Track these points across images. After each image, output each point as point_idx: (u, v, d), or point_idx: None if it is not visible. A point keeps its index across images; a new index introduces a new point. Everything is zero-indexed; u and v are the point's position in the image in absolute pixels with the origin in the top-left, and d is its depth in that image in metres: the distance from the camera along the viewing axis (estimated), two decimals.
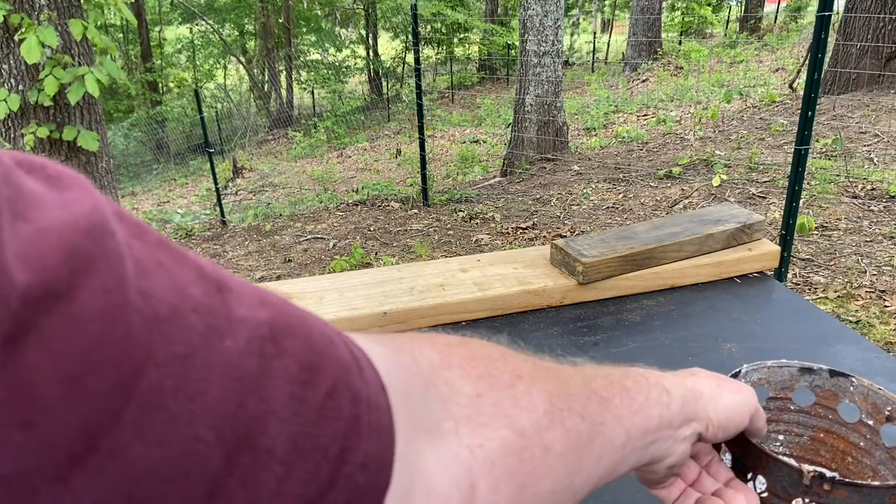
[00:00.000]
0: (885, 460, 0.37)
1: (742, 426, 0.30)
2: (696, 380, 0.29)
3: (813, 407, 0.39)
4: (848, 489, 0.27)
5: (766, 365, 0.38)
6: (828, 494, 0.27)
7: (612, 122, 5.49)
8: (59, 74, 2.43)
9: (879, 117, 3.54)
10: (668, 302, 0.64)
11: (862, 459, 0.38)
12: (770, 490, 0.29)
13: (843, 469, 0.39)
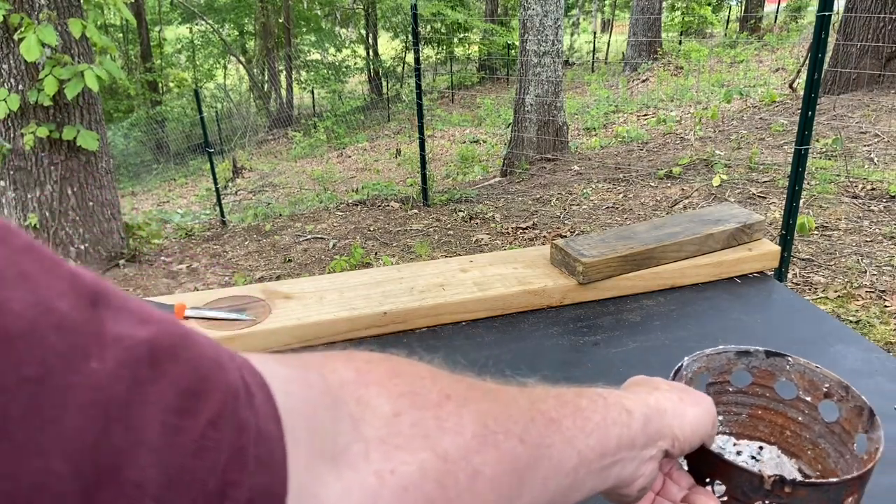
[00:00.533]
0: (824, 434, 0.38)
1: (706, 438, 0.29)
2: (659, 395, 0.29)
3: (750, 387, 0.40)
4: (808, 489, 0.28)
5: (706, 353, 0.38)
6: (789, 496, 0.27)
7: (612, 121, 5.49)
8: (58, 74, 2.43)
9: (879, 117, 3.54)
10: (669, 302, 0.64)
11: (801, 433, 0.39)
12: (729, 494, 0.29)
13: (783, 442, 0.40)
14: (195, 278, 2.80)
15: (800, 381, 0.37)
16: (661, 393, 0.29)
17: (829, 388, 0.36)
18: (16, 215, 2.74)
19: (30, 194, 2.73)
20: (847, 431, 0.36)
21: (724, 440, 0.42)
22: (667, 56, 7.67)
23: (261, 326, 0.54)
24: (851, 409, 0.35)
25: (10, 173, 2.69)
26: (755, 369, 0.39)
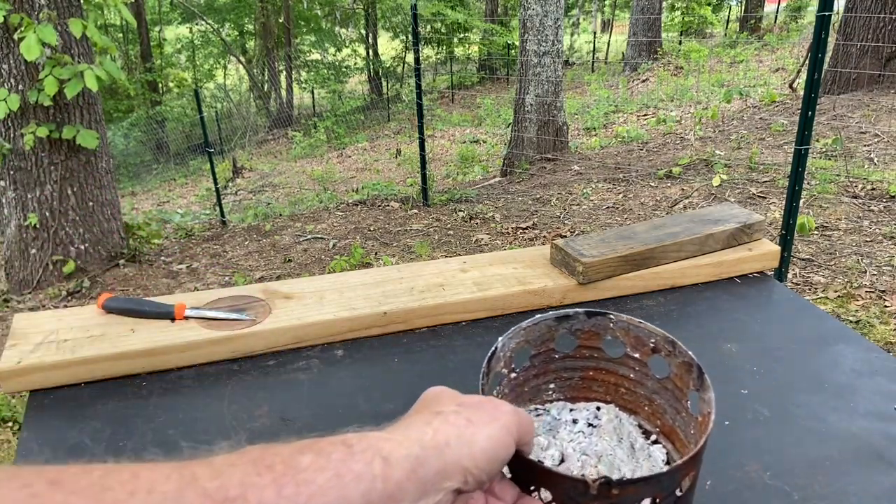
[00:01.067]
0: (658, 390, 0.37)
1: (509, 457, 0.26)
2: (440, 424, 0.24)
3: (577, 350, 0.40)
4: (638, 485, 0.27)
5: (522, 327, 0.37)
6: (619, 496, 0.26)
7: (612, 121, 5.49)
8: (58, 74, 2.43)
9: (879, 117, 3.54)
10: (669, 302, 0.64)
11: (635, 390, 0.39)
12: (558, 501, 0.28)
13: (619, 399, 0.40)
14: (195, 278, 2.80)
15: (626, 338, 0.37)
16: (445, 418, 0.24)
17: (656, 344, 0.35)
18: (16, 215, 2.74)
19: (30, 194, 2.73)
20: (679, 388, 0.35)
21: (561, 407, 0.41)
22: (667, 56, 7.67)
23: (261, 326, 0.54)
24: (681, 365, 0.34)
25: (10, 173, 2.69)
26: (579, 332, 0.38)
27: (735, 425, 0.46)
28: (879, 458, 0.43)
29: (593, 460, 0.36)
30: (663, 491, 0.27)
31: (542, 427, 0.39)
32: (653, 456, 0.37)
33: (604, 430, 0.39)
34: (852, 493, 0.40)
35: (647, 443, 0.38)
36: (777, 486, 0.41)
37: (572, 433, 0.39)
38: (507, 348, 0.37)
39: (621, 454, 0.37)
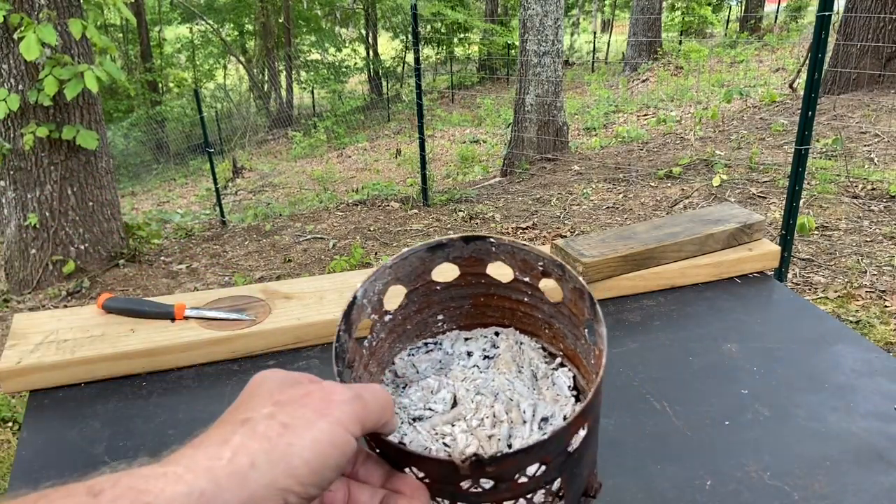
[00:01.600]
0: (555, 314, 0.35)
1: (348, 456, 0.21)
2: (242, 440, 0.19)
3: (462, 278, 0.36)
4: (517, 456, 0.24)
5: (387, 266, 0.33)
6: (496, 471, 0.24)
7: (613, 121, 5.49)
8: (58, 74, 2.43)
9: (880, 117, 3.54)
10: (669, 302, 0.64)
11: (532, 314, 0.36)
12: (431, 479, 0.25)
13: (517, 323, 0.37)
14: (195, 278, 2.80)
15: (512, 262, 0.34)
16: (252, 428, 0.19)
17: (545, 266, 0.33)
18: (16, 215, 2.74)
19: (30, 194, 2.73)
20: (575, 315, 0.33)
21: (454, 337, 0.37)
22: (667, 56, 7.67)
23: (261, 326, 0.54)
24: (573, 291, 0.32)
25: (10, 173, 2.69)
26: (459, 259, 0.35)
27: (735, 425, 0.46)
28: (879, 459, 0.43)
29: (489, 399, 0.32)
30: (550, 454, 0.25)
31: (432, 367, 0.35)
32: (557, 383, 0.33)
33: (501, 361, 0.35)
34: (852, 493, 0.40)
35: (550, 368, 0.35)
36: (777, 486, 0.41)
37: (466, 369, 0.35)
38: (373, 293, 0.33)
39: (521, 387, 0.33)
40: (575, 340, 0.34)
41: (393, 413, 0.24)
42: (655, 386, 0.51)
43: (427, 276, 0.35)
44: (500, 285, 0.36)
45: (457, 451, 0.29)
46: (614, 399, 0.49)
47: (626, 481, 0.41)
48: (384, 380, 0.35)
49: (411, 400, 0.33)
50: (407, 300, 0.36)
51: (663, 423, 0.46)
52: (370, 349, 0.34)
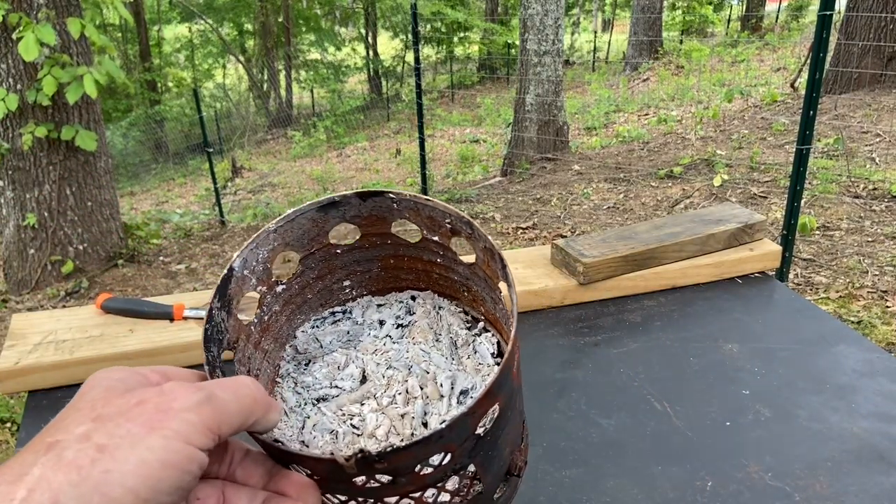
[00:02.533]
0: (471, 276, 0.31)
1: (194, 472, 0.17)
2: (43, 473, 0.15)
3: (365, 238, 0.32)
4: (411, 450, 0.20)
5: (271, 230, 0.28)
6: (390, 466, 0.21)
7: (613, 121, 5.48)
8: (57, 74, 2.43)
9: (881, 117, 3.54)
10: (669, 302, 0.64)
11: (448, 275, 0.32)
12: (319, 477, 0.22)
13: (434, 286, 0.33)
14: (194, 278, 2.80)
15: (417, 220, 0.30)
16: (57, 457, 0.16)
17: (453, 224, 0.29)
18: (14, 215, 2.74)
19: (28, 194, 2.73)
20: (489, 276, 0.29)
21: (366, 304, 0.33)
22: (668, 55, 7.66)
23: None
24: (484, 251, 0.28)
25: (9, 173, 2.69)
26: (358, 219, 0.31)
27: (736, 426, 0.46)
28: (881, 459, 0.43)
29: (402, 373, 0.29)
30: (454, 442, 0.21)
31: (339, 339, 0.32)
32: (479, 351, 0.30)
33: (417, 329, 0.31)
34: (853, 493, 0.40)
35: (471, 334, 0.31)
36: (778, 486, 0.41)
37: (377, 340, 0.31)
38: (256, 261, 0.28)
39: (438, 357, 0.30)
40: (494, 305, 0.30)
41: (268, 407, 0.21)
42: (656, 386, 0.51)
43: (323, 239, 0.31)
44: (409, 245, 0.32)
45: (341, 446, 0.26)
46: (615, 399, 0.49)
47: (627, 482, 0.41)
48: (284, 356, 0.31)
49: (315, 378, 0.30)
50: (302, 267, 0.31)
51: (664, 423, 0.46)
52: (262, 325, 0.30)
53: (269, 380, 0.30)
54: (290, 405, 0.29)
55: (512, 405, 0.25)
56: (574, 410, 0.48)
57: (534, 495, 0.40)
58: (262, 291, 0.29)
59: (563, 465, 0.43)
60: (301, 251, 0.31)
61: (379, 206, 0.30)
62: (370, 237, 0.32)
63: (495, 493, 0.26)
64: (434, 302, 0.33)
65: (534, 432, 0.45)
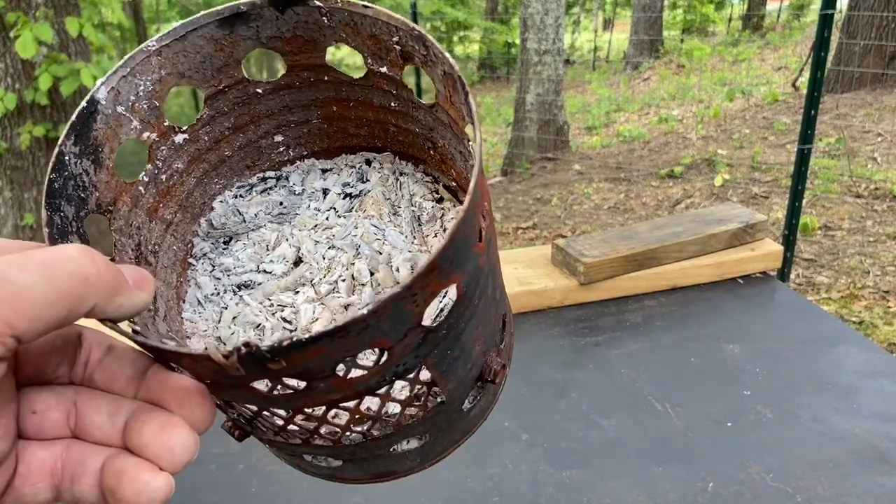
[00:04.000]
0: (436, 126, 0.22)
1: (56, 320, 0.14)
2: None
3: (293, 75, 0.23)
4: (322, 342, 0.14)
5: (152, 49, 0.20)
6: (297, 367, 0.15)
7: (614, 121, 5.48)
8: (54, 71, 2.44)
9: (883, 116, 3.53)
10: (670, 302, 0.63)
11: (408, 126, 0.24)
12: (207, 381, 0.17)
13: (393, 143, 0.25)
14: None
15: (358, 41, 0.22)
16: None
17: (403, 43, 0.21)
18: (12, 215, 2.75)
19: (26, 194, 2.73)
20: (454, 120, 0.21)
21: (307, 169, 0.25)
22: (668, 54, 7.65)
23: None
24: (444, 80, 0.20)
25: (7, 173, 2.69)
26: (279, 41, 0.22)
27: (737, 426, 0.46)
28: (882, 460, 0.43)
29: (347, 255, 0.23)
30: (385, 335, 0.15)
31: (267, 212, 0.24)
32: (447, 227, 0.23)
33: (370, 200, 0.24)
34: (855, 494, 0.40)
35: (440, 207, 0.24)
36: (779, 487, 0.40)
37: (318, 214, 0.24)
38: (136, 95, 0.20)
39: (395, 236, 0.23)
40: (464, 163, 0.22)
41: (115, 287, 0.15)
42: (657, 387, 0.50)
43: (234, 72, 0.22)
44: (353, 84, 0.24)
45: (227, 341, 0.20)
46: (615, 400, 0.49)
47: (628, 483, 0.41)
48: (197, 231, 0.24)
49: (237, 259, 0.24)
50: (211, 111, 0.23)
51: (665, 424, 0.46)
52: (158, 186, 0.22)
53: (177, 260, 0.23)
54: (205, 293, 0.23)
55: (480, 289, 0.18)
56: (574, 411, 0.48)
57: (534, 496, 0.39)
58: (151, 139, 0.22)
59: (564, 465, 0.42)
60: (205, 86, 0.22)
61: (304, 21, 0.22)
62: (300, 71, 0.23)
63: (464, 403, 0.20)
64: (394, 167, 0.25)
65: (534, 433, 0.45)
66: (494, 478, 0.41)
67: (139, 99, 0.21)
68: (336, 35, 0.22)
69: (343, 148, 0.26)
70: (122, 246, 0.22)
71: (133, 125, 0.21)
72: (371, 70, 0.23)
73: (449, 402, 0.19)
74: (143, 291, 0.16)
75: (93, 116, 0.20)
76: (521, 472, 0.41)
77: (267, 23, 0.22)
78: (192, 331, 0.22)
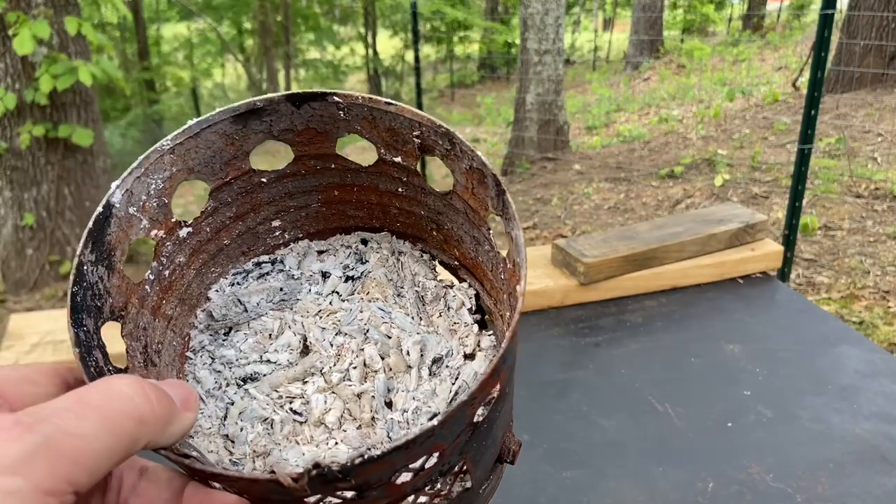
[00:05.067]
0: (443, 209, 0.23)
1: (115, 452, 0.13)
2: None
3: (300, 164, 0.24)
4: (393, 456, 0.15)
5: (166, 148, 0.20)
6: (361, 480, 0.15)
7: (614, 120, 5.48)
8: (54, 71, 2.44)
9: (883, 116, 3.53)
10: (671, 303, 0.63)
11: (412, 209, 0.24)
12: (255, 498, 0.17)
13: (392, 224, 0.25)
14: None
15: (374, 133, 0.22)
16: None
17: (424, 137, 0.21)
18: (12, 215, 2.75)
19: (26, 194, 2.73)
20: (474, 210, 0.22)
21: (302, 251, 0.25)
22: (669, 54, 7.65)
23: None
24: (469, 174, 0.21)
25: (7, 173, 2.69)
26: (290, 134, 0.23)
27: (738, 427, 0.46)
28: (883, 460, 0.43)
29: (356, 340, 0.23)
30: (447, 440, 0.16)
31: (269, 299, 0.24)
32: (453, 306, 0.24)
33: (372, 282, 0.24)
34: (855, 494, 0.40)
35: (442, 286, 0.24)
36: (780, 488, 0.40)
37: (320, 298, 0.24)
38: (147, 195, 0.20)
39: (402, 317, 0.23)
40: (475, 246, 0.23)
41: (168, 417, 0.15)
42: (657, 387, 0.50)
43: (242, 164, 0.23)
44: (360, 171, 0.24)
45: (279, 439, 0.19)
46: (616, 400, 0.49)
47: (628, 483, 0.40)
48: (195, 323, 0.23)
49: (239, 351, 0.23)
50: (214, 202, 0.23)
51: (665, 424, 0.46)
52: (161, 283, 0.22)
53: (175, 355, 0.23)
54: (206, 388, 0.22)
55: (511, 380, 0.19)
56: (575, 411, 0.48)
57: (534, 496, 0.39)
58: (158, 237, 0.22)
59: (564, 466, 0.42)
60: (211, 180, 0.22)
61: (319, 114, 0.22)
62: (307, 160, 0.24)
63: (483, 486, 0.21)
64: (392, 246, 0.25)
65: (534, 433, 0.45)
66: None
67: (150, 198, 0.21)
68: (350, 127, 0.23)
69: (338, 229, 0.26)
70: (132, 351, 0.21)
71: (143, 224, 0.21)
72: (382, 158, 0.23)
73: (473, 487, 0.20)
74: (190, 411, 0.16)
75: (107, 221, 0.20)
76: (521, 472, 0.41)
77: (281, 117, 0.22)
78: (194, 430, 0.21)
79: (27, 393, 0.15)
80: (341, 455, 0.20)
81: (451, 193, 0.23)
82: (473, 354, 0.23)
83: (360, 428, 0.20)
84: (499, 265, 0.22)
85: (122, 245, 0.20)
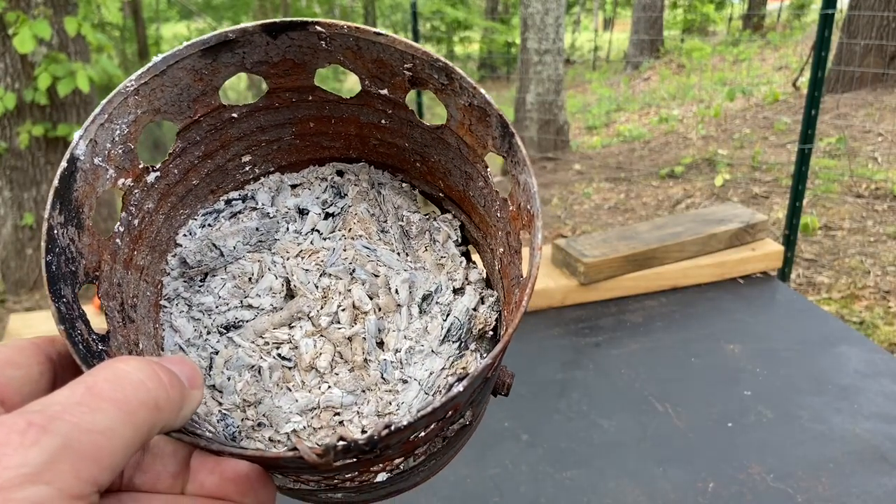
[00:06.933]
0: (430, 142, 0.22)
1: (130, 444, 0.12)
2: None
3: (274, 97, 0.22)
4: (419, 422, 0.15)
5: (131, 89, 0.19)
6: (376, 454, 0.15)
7: (614, 120, 5.48)
8: (53, 70, 2.44)
9: (883, 116, 3.53)
10: (671, 302, 0.63)
11: (394, 141, 0.23)
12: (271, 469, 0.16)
13: (371, 155, 0.24)
14: None
15: (358, 65, 0.20)
16: None
17: (417, 70, 0.19)
18: (12, 215, 2.75)
19: (26, 193, 2.74)
20: (470, 146, 0.20)
21: (274, 185, 0.24)
22: (669, 54, 7.65)
23: None
24: (467, 110, 0.19)
25: (7, 172, 2.70)
26: (265, 66, 0.21)
27: (738, 427, 0.46)
28: (883, 460, 0.43)
29: (342, 281, 0.21)
30: (463, 399, 0.16)
31: (244, 241, 0.22)
32: (439, 239, 0.23)
33: (353, 218, 0.23)
34: (856, 494, 0.40)
35: (426, 218, 0.23)
36: (780, 488, 0.40)
37: (299, 237, 0.23)
38: (112, 142, 0.19)
39: (387, 254, 0.22)
40: (466, 181, 0.21)
41: (180, 399, 0.14)
42: (657, 387, 0.50)
43: (211, 100, 0.21)
44: (340, 102, 0.22)
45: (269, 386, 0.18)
46: (616, 400, 0.48)
47: (628, 483, 0.40)
48: (167, 270, 0.22)
49: (217, 297, 0.21)
50: (182, 142, 0.21)
51: (665, 424, 0.46)
52: (132, 233, 0.21)
53: (150, 306, 0.21)
54: (185, 337, 0.21)
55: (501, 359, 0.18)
56: (575, 411, 0.48)
57: (534, 496, 0.39)
58: (126, 186, 0.20)
59: (564, 466, 0.42)
60: (179, 119, 0.21)
61: (298, 45, 0.20)
62: (282, 93, 0.22)
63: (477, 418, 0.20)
64: (371, 177, 0.24)
65: (534, 433, 0.45)
66: (494, 478, 0.41)
67: (115, 145, 0.19)
68: (332, 58, 0.21)
69: (312, 160, 0.24)
70: (110, 311, 0.20)
71: (109, 174, 0.20)
72: (367, 90, 0.22)
73: (472, 423, 0.19)
74: (197, 389, 0.15)
75: (73, 176, 0.18)
76: (521, 472, 0.41)
77: (256, 49, 0.20)
78: None
79: (11, 377, 0.14)
80: (335, 399, 0.19)
81: (443, 128, 0.21)
82: (463, 289, 0.22)
83: (352, 370, 0.19)
84: (494, 202, 0.21)
85: (90, 200, 0.19)
